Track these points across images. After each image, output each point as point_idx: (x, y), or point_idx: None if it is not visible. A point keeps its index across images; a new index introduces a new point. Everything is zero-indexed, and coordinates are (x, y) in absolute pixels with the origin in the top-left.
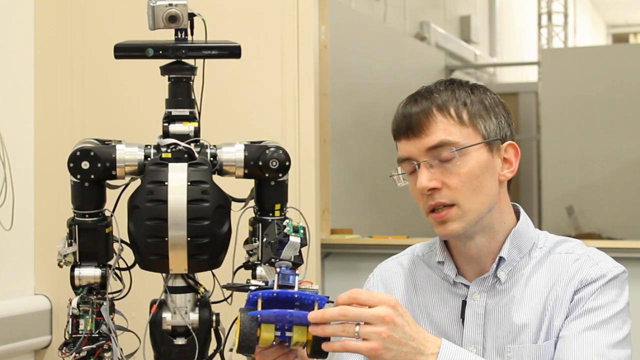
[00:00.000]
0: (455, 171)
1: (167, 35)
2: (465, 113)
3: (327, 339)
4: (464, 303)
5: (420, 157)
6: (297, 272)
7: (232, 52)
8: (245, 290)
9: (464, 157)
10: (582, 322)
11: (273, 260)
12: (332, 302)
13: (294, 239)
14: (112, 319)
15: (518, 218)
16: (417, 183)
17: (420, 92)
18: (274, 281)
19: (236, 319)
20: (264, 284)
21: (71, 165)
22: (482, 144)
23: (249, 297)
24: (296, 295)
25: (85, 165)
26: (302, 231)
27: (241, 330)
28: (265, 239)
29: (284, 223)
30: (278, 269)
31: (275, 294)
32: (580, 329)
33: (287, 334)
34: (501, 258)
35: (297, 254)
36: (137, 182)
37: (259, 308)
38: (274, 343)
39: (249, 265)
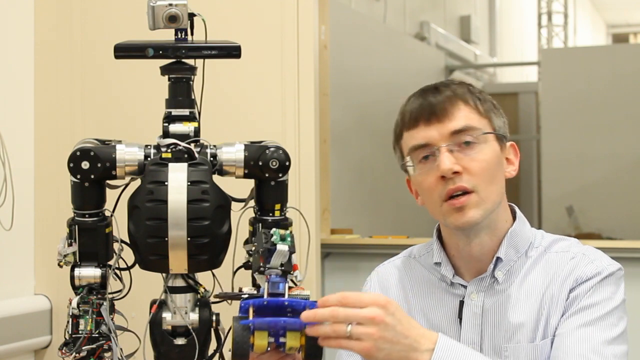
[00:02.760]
0: (476, 157)
1: (167, 35)
2: (481, 106)
3: (320, 347)
4: (462, 303)
5: (441, 141)
6: (287, 278)
7: (232, 52)
8: (238, 299)
9: (483, 144)
10: (578, 319)
11: (262, 269)
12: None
13: (282, 247)
14: (112, 319)
15: (514, 218)
16: (440, 166)
17: (437, 84)
18: (264, 289)
19: (231, 327)
20: (256, 292)
21: (71, 165)
22: (496, 135)
23: (241, 306)
24: (286, 303)
25: (85, 165)
26: (289, 239)
27: (234, 339)
28: (253, 248)
29: (271, 232)
30: (268, 277)
31: (265, 302)
32: (576, 326)
33: (281, 339)
34: (498, 258)
35: (286, 261)
36: (137, 182)
37: (251, 316)
38: (269, 349)
39: (249, 265)
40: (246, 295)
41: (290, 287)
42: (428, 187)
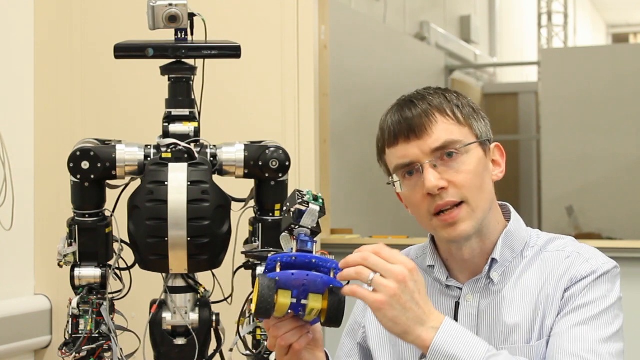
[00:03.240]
0: (460, 169)
1: (167, 35)
2: (460, 114)
3: (342, 310)
4: (457, 305)
5: (423, 158)
6: (315, 240)
7: (232, 52)
8: (264, 258)
9: (466, 155)
10: (573, 318)
11: (292, 226)
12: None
13: (314, 207)
14: (112, 319)
15: (509, 218)
16: (425, 183)
17: (411, 97)
18: (292, 248)
19: (255, 285)
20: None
21: (71, 165)
22: (478, 142)
23: (268, 262)
24: (314, 260)
25: (85, 165)
26: (321, 200)
27: (259, 292)
28: (285, 207)
29: (305, 191)
30: (297, 236)
31: (293, 258)
32: (571, 325)
33: (303, 301)
34: (493, 259)
35: (316, 223)
36: (137, 182)
37: (278, 271)
38: (289, 312)
39: (249, 266)
40: (273, 252)
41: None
42: (416, 203)
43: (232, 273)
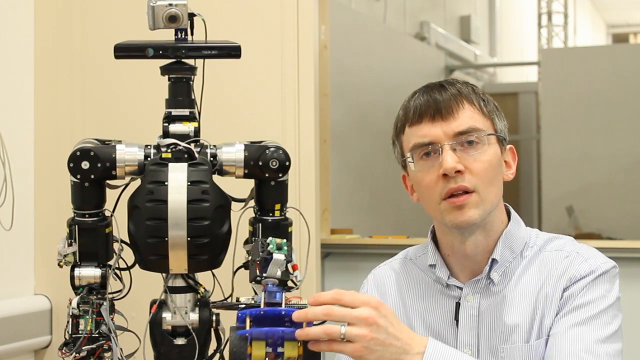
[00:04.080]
0: (478, 157)
1: (167, 35)
2: (485, 107)
3: (318, 355)
4: (458, 305)
5: (444, 140)
6: (283, 289)
7: (232, 52)
8: (235, 309)
9: (486, 145)
10: (571, 318)
11: (259, 278)
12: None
13: (278, 256)
14: (112, 319)
15: (509, 218)
16: (442, 164)
17: (442, 82)
18: (261, 299)
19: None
20: (253, 301)
21: (71, 165)
22: (498, 137)
23: (238, 316)
24: (283, 312)
25: (85, 165)
26: (285, 248)
27: (231, 349)
28: (250, 258)
29: (268, 241)
30: (265, 286)
31: (262, 312)
32: (569, 325)
33: (279, 349)
34: (494, 260)
35: (284, 269)
36: (137, 182)
37: (248, 326)
38: (267, 359)
39: (249, 266)
40: (243, 305)
41: (287, 297)
42: (427, 185)
43: (232, 273)
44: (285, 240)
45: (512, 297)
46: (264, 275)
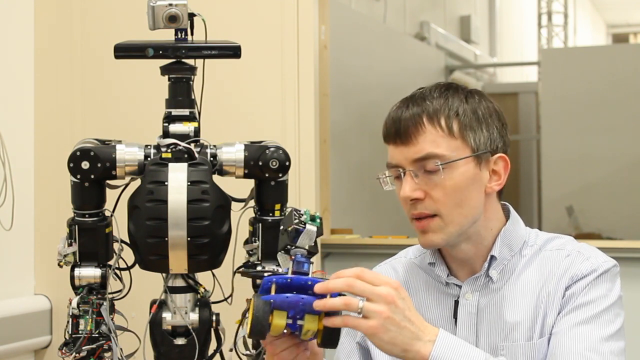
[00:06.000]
0: (440, 183)
1: (167, 35)
2: (456, 124)
3: (338, 332)
4: (457, 303)
5: (406, 165)
6: (311, 260)
7: (232, 52)
8: (260, 277)
9: (449, 170)
10: (574, 317)
11: (289, 247)
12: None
13: (311, 227)
14: (112, 319)
15: (508, 217)
16: (400, 192)
17: (413, 97)
18: (288, 269)
19: (249, 305)
20: (278, 269)
21: (71, 165)
22: (469, 157)
23: (263, 283)
24: (309, 282)
25: (85, 165)
26: (318, 220)
27: (254, 314)
28: (282, 227)
29: (302, 211)
30: (293, 257)
31: (289, 280)
32: (572, 324)
33: (299, 322)
34: (492, 257)
35: (313, 242)
36: (137, 182)
37: (272, 293)
38: (285, 332)
39: (249, 266)
40: (269, 273)
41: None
42: (402, 204)
43: (232, 273)
44: (318, 213)
45: (512, 295)
46: (295, 244)
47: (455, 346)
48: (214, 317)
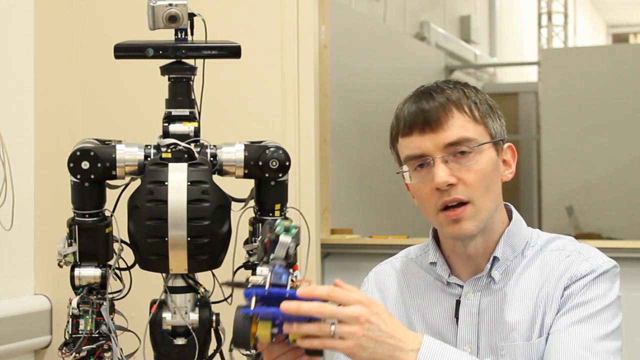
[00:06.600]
0: (471, 167)
1: (167, 35)
2: (477, 112)
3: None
4: (458, 303)
5: (435, 152)
6: (291, 270)
7: (232, 52)
8: (244, 288)
9: (479, 154)
10: (571, 316)
11: (265, 259)
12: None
13: (284, 239)
14: (112, 319)
15: (510, 217)
16: (434, 178)
17: (431, 88)
18: (266, 280)
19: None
20: (262, 281)
21: (71, 165)
22: (492, 142)
23: (244, 295)
24: (287, 295)
25: (85, 165)
26: (293, 231)
27: (234, 327)
28: (259, 238)
29: (276, 223)
30: (272, 268)
31: (266, 293)
32: (569, 323)
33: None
34: (495, 257)
35: (291, 253)
36: (137, 182)
37: (253, 306)
38: (274, 340)
39: (249, 265)
40: (250, 285)
41: (295, 281)
42: (424, 196)
43: (232, 273)
44: (293, 223)
45: (513, 295)
46: (271, 256)
47: (441, 351)
48: (214, 317)
